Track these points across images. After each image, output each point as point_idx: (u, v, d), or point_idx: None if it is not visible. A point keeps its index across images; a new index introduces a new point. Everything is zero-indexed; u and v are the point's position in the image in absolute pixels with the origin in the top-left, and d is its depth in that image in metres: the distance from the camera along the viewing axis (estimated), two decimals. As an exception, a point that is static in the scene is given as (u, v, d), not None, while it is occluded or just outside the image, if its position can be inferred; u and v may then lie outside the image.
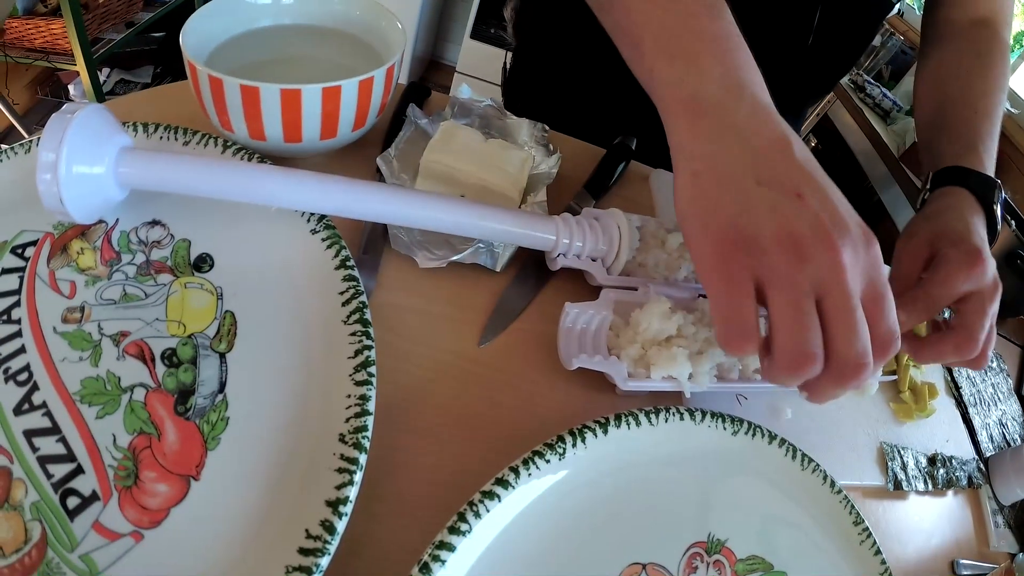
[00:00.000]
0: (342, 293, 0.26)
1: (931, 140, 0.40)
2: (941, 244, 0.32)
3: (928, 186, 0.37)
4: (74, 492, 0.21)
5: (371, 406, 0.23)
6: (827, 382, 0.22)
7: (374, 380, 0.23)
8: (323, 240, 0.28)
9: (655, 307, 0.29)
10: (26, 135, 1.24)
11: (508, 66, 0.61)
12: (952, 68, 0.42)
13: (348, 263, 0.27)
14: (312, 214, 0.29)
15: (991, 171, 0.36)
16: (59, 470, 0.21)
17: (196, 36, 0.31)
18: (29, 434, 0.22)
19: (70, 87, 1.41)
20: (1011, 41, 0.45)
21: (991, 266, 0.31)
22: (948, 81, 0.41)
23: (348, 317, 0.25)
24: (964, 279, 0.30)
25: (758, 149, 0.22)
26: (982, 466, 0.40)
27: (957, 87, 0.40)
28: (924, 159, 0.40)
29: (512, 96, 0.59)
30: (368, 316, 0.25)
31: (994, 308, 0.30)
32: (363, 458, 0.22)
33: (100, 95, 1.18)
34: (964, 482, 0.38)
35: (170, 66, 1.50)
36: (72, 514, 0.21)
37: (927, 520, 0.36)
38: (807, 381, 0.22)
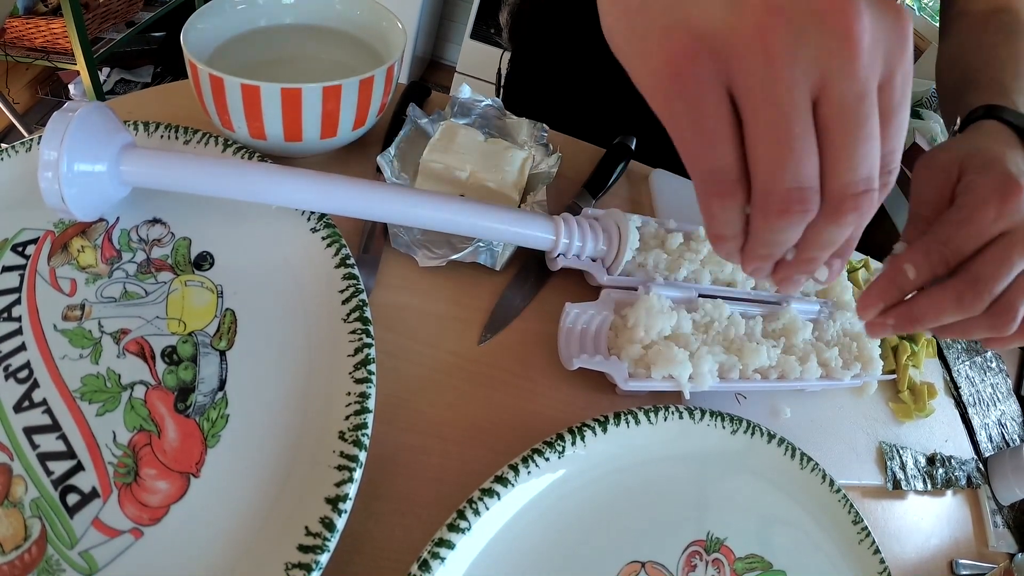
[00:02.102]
0: (342, 291, 0.26)
1: (957, 102, 0.33)
2: (968, 169, 0.24)
3: (957, 128, 0.29)
4: (74, 489, 0.21)
5: (371, 404, 0.23)
6: (819, 224, 0.16)
7: (374, 378, 0.24)
8: (323, 239, 0.28)
9: (652, 305, 0.29)
10: (26, 134, 1.24)
11: (504, 70, 0.61)
12: (975, 42, 0.37)
13: (348, 261, 0.27)
14: (312, 213, 0.29)
15: None
16: (59, 467, 0.21)
17: (197, 35, 0.31)
18: (29, 431, 0.22)
19: (70, 86, 1.41)
20: None
21: None
22: (972, 52, 0.36)
23: (348, 315, 0.25)
24: (994, 213, 0.22)
25: None
26: (981, 466, 0.40)
27: (982, 57, 0.35)
28: (950, 126, 0.33)
29: (510, 99, 0.59)
30: (368, 314, 0.25)
31: None
32: (363, 456, 0.22)
33: (100, 94, 1.18)
34: (963, 482, 0.38)
35: (170, 66, 1.50)
36: (72, 511, 0.21)
37: (926, 520, 0.36)
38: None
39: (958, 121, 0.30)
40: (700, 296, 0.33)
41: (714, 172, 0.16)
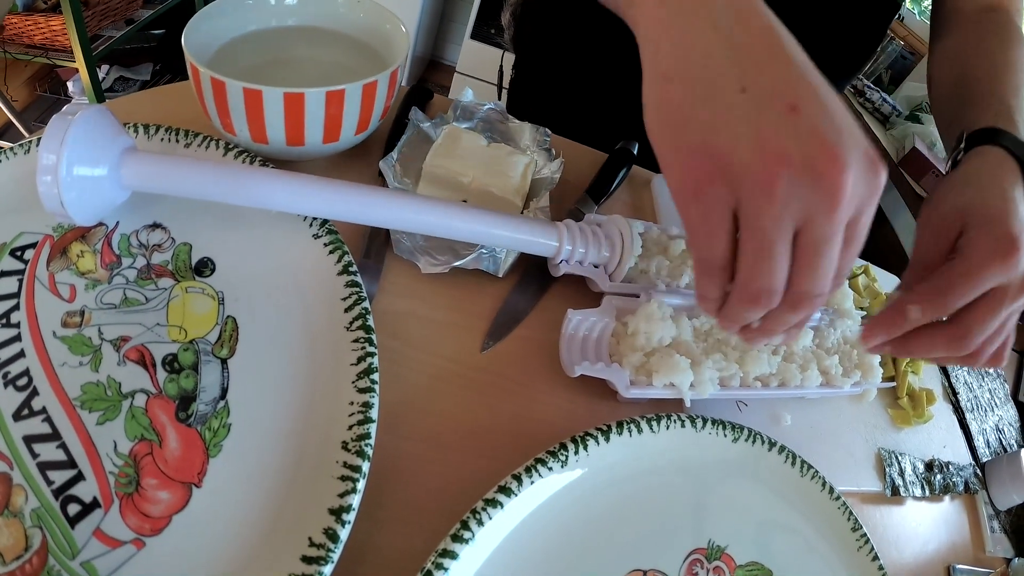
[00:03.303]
0: (344, 299, 0.26)
1: (955, 112, 0.35)
2: (971, 223, 0.26)
3: (963, 145, 0.31)
4: (75, 499, 0.21)
5: (374, 413, 0.23)
6: (780, 310, 0.21)
7: (377, 387, 0.23)
8: (325, 245, 0.28)
9: (653, 313, 0.29)
10: (24, 131, 1.23)
11: (506, 72, 0.60)
12: (971, 46, 0.38)
13: (351, 268, 0.27)
14: (314, 219, 0.28)
15: None
16: (59, 476, 0.21)
17: (198, 37, 0.31)
18: (29, 440, 0.22)
19: (69, 84, 1.40)
20: None
21: None
22: (967, 57, 0.37)
23: (351, 323, 0.25)
24: (992, 272, 0.24)
25: (741, 45, 0.19)
26: (978, 471, 0.41)
27: (977, 63, 0.36)
28: (947, 135, 0.35)
29: (514, 102, 0.59)
30: (371, 322, 0.25)
31: (1016, 305, 0.25)
32: (366, 466, 0.21)
33: (99, 92, 1.17)
34: (961, 487, 0.39)
35: (169, 63, 1.49)
36: (73, 521, 0.21)
37: (924, 525, 0.36)
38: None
39: (960, 144, 0.31)
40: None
41: (709, 260, 0.21)
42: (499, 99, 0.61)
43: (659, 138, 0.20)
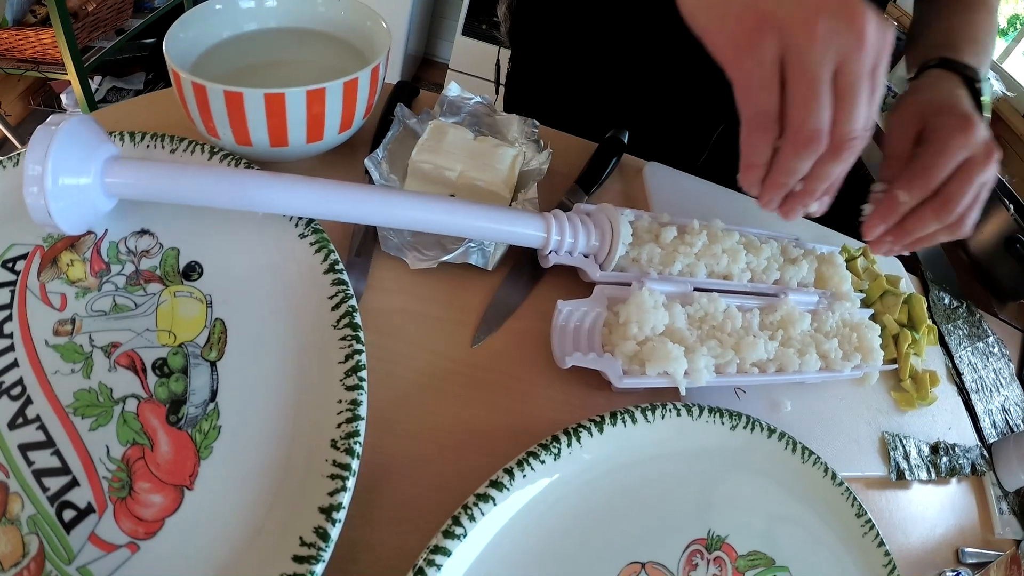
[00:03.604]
0: (331, 297, 0.26)
1: (916, 54, 0.41)
2: (930, 115, 0.32)
3: (913, 75, 0.37)
4: (70, 505, 0.21)
5: (363, 411, 0.23)
6: (824, 159, 0.24)
7: (365, 385, 0.23)
8: (311, 244, 0.28)
9: (644, 301, 0.29)
10: (20, 146, 1.24)
11: (502, 65, 0.60)
12: (937, 12, 0.43)
13: (337, 267, 0.27)
14: (300, 218, 0.28)
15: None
16: (54, 483, 0.21)
17: (180, 43, 0.31)
18: (24, 448, 0.22)
19: (62, 96, 1.41)
20: (999, 16, 0.45)
21: (982, 130, 0.30)
22: (934, 20, 0.43)
23: (338, 322, 0.25)
24: (959, 146, 0.30)
25: None
26: (985, 453, 0.40)
27: (940, 24, 0.42)
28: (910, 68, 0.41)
29: (511, 96, 0.59)
30: (358, 320, 0.25)
31: (986, 174, 0.30)
32: (355, 464, 0.21)
33: (92, 103, 1.17)
34: (967, 470, 0.38)
35: (162, 72, 1.50)
36: (68, 527, 0.21)
37: (931, 509, 0.35)
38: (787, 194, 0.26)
39: (916, 71, 0.38)
40: (695, 290, 0.32)
41: (761, 112, 0.24)
42: (496, 94, 0.61)
43: (705, 17, 0.25)
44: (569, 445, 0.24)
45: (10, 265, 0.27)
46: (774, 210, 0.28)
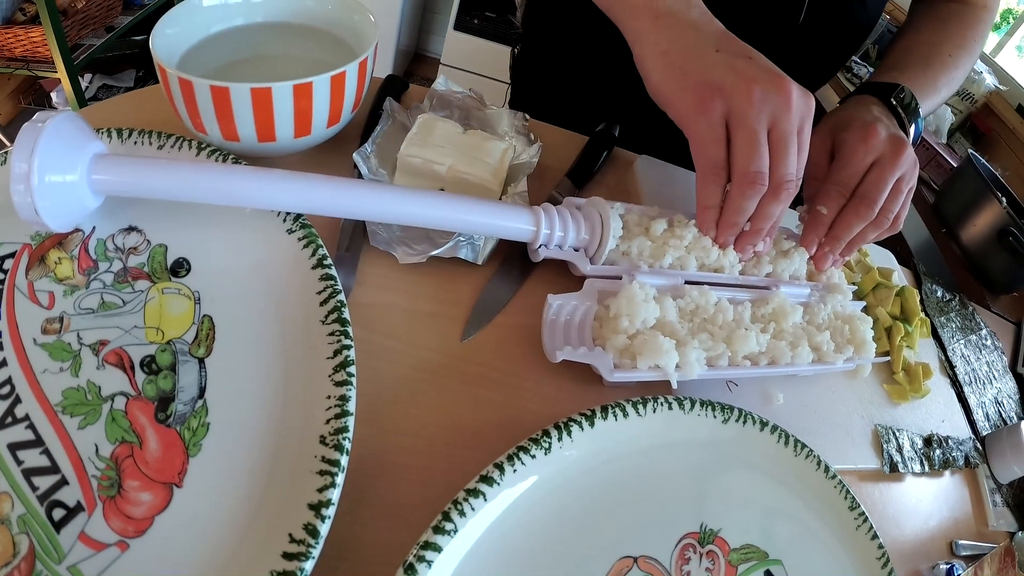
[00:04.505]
0: (320, 292, 0.26)
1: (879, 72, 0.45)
2: (837, 131, 0.36)
3: (839, 101, 0.42)
4: (59, 504, 0.21)
5: (351, 407, 0.23)
6: (766, 199, 0.29)
7: (354, 380, 0.23)
8: (299, 239, 0.28)
9: (634, 294, 0.29)
10: (10, 145, 1.24)
11: (516, 52, 0.61)
12: (912, 26, 0.47)
13: (325, 262, 0.27)
14: (288, 213, 0.28)
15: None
16: (44, 482, 0.21)
17: (167, 39, 0.30)
18: (13, 447, 0.22)
19: (53, 95, 1.39)
20: (993, 13, 0.47)
21: (885, 134, 0.34)
22: (903, 34, 0.47)
23: (326, 317, 0.25)
24: (863, 153, 0.34)
25: (710, 34, 0.30)
26: (979, 445, 0.40)
27: (906, 38, 0.46)
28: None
29: (518, 80, 0.60)
30: (346, 315, 0.25)
31: (896, 172, 0.33)
32: (344, 460, 0.21)
33: (82, 101, 1.17)
34: (961, 462, 0.38)
35: (152, 69, 1.49)
36: (58, 526, 0.21)
37: (924, 502, 0.35)
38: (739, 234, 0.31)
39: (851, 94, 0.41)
40: (686, 283, 0.32)
41: (712, 162, 0.29)
42: (509, 91, 0.61)
43: (667, 88, 0.30)
44: (560, 439, 0.24)
45: (-3, 264, 0.27)
46: (727, 248, 0.33)
